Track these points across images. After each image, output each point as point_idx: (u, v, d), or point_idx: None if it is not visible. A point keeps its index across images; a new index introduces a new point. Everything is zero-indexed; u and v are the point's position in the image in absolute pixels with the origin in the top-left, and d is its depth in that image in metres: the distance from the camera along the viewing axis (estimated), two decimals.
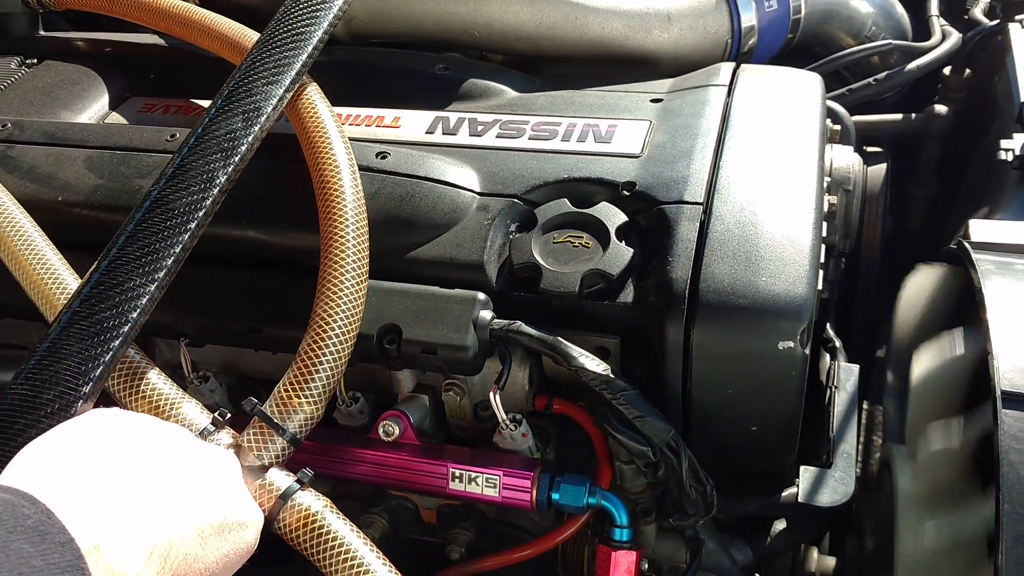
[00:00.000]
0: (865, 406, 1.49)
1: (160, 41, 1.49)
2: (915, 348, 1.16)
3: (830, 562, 1.29)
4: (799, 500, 1.04)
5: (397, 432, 1.02)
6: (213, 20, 1.25)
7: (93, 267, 0.88)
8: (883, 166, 1.63)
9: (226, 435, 0.86)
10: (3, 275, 0.99)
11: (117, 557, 0.61)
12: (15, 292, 0.98)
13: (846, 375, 1.18)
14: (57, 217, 1.09)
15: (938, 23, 1.77)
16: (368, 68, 1.37)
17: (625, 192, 1.08)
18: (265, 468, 0.85)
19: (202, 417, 0.88)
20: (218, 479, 0.77)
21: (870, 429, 1.50)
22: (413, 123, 1.25)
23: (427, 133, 1.22)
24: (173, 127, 1.23)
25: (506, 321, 0.98)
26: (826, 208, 1.18)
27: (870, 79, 1.67)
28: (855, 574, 1.29)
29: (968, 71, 1.76)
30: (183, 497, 0.71)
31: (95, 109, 1.37)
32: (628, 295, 1.00)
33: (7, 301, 1.06)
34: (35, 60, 1.46)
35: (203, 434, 0.85)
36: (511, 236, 1.07)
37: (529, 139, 1.18)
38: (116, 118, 1.36)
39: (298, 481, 0.84)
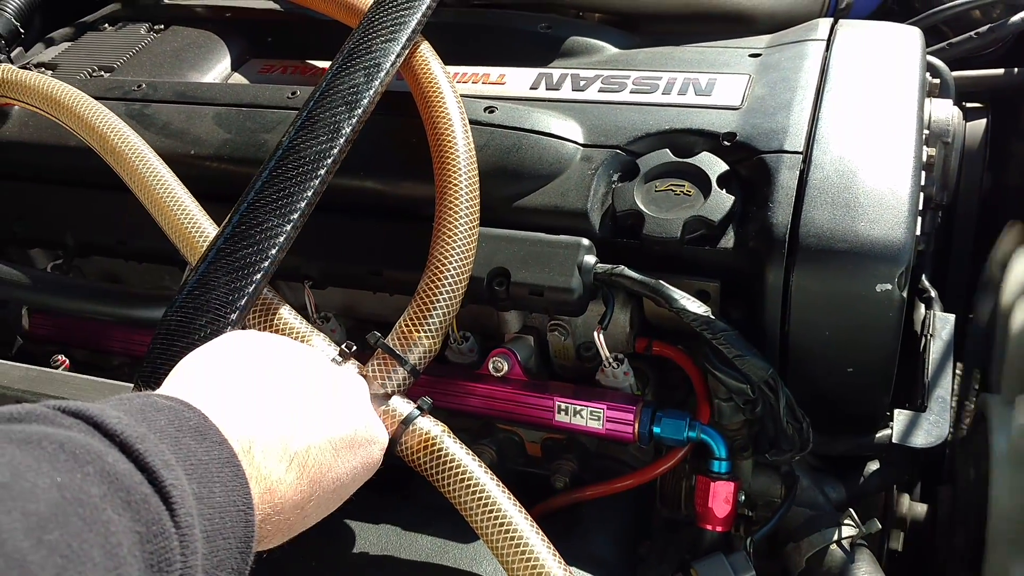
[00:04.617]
0: (958, 371, 1.49)
1: (276, 6, 1.57)
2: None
3: (921, 508, 1.31)
4: (893, 441, 1.06)
5: (506, 368, 1.07)
6: None
7: (233, 209, 0.96)
8: (983, 121, 1.61)
9: (352, 366, 0.92)
10: (146, 223, 1.08)
11: (264, 460, 0.68)
12: (158, 239, 1.06)
13: (942, 324, 1.19)
14: (190, 169, 1.16)
15: None
16: (474, 28, 1.41)
17: (726, 142, 1.10)
18: (388, 396, 0.91)
19: (330, 350, 0.94)
20: (350, 397, 0.84)
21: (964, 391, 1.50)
22: (518, 80, 1.29)
23: (531, 89, 1.27)
24: (292, 86, 1.30)
25: (609, 265, 1.02)
26: (924, 159, 1.19)
27: (971, 33, 1.65)
28: (947, 525, 1.30)
29: None
30: (319, 411, 0.77)
31: (218, 70, 1.45)
32: (729, 240, 1.03)
33: (151, 247, 1.16)
34: (162, 26, 1.56)
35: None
36: (614, 185, 1.11)
37: (631, 93, 1.22)
38: (238, 79, 1.45)
39: (418, 408, 0.90)
